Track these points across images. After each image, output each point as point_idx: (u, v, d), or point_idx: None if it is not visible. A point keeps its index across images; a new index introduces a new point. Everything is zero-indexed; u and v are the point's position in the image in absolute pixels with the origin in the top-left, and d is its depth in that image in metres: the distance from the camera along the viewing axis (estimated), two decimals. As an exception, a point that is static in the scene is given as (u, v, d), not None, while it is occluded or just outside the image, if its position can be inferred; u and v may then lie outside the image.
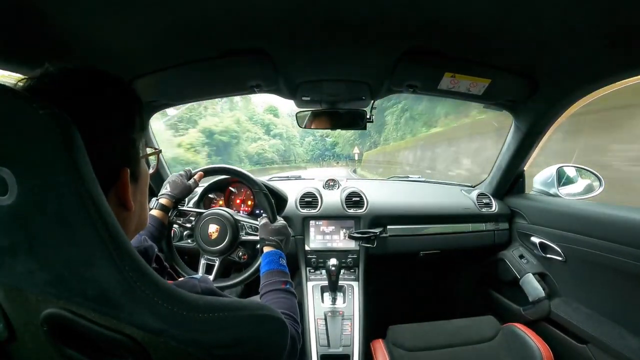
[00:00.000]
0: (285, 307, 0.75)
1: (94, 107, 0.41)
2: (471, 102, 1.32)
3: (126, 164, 0.44)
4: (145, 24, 0.78)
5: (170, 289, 0.37)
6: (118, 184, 0.43)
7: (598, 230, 1.10)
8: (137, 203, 0.48)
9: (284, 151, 33.06)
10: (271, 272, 0.85)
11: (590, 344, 1.13)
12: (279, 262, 0.89)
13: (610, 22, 0.74)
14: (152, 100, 1.24)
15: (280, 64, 1.03)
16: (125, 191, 0.44)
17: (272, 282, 0.82)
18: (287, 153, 33.99)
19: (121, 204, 0.44)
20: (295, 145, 38.05)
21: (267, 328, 0.45)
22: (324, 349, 1.21)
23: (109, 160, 0.42)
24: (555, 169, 1.44)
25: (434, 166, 11.68)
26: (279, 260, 0.89)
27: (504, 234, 1.60)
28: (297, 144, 39.04)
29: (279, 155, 30.89)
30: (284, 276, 0.85)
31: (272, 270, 0.86)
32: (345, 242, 1.50)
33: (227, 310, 0.41)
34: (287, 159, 31.95)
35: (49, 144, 0.30)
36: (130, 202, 0.44)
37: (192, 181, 1.07)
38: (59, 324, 0.35)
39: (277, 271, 0.86)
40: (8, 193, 0.30)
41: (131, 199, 0.45)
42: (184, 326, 0.36)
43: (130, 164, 0.45)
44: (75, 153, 0.31)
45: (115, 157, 0.43)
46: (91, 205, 0.31)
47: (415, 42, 0.92)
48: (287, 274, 0.88)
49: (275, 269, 0.86)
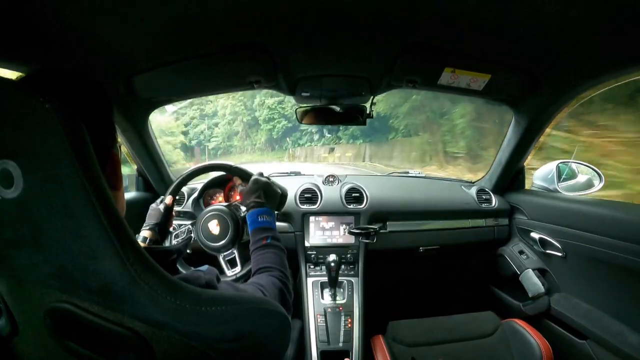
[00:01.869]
0: (268, 262, 0.75)
1: (85, 95, 0.44)
2: (471, 97, 1.32)
3: (115, 143, 0.48)
4: (144, 20, 0.78)
5: (174, 282, 0.37)
6: (109, 163, 0.46)
7: (598, 226, 1.10)
8: (122, 187, 0.51)
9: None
10: (253, 233, 0.85)
11: (589, 340, 1.13)
12: (257, 221, 0.87)
13: (611, 17, 0.74)
14: (151, 97, 1.23)
15: (280, 59, 1.02)
16: (118, 168, 0.47)
17: (254, 242, 0.82)
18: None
19: (110, 185, 0.46)
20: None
21: (269, 322, 0.45)
22: (324, 345, 1.22)
23: (103, 143, 0.44)
24: (555, 165, 1.44)
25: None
26: (258, 219, 0.87)
27: (504, 230, 1.60)
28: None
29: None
30: (263, 232, 0.84)
31: (253, 231, 0.85)
32: (345, 237, 1.50)
33: (231, 304, 0.41)
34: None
35: (55, 138, 0.30)
36: (122, 179, 0.47)
37: (163, 205, 1.06)
38: (62, 317, 0.35)
39: (256, 230, 0.85)
40: (14, 186, 0.30)
41: (122, 177, 0.48)
42: (187, 319, 0.36)
43: (115, 144, 0.48)
44: (81, 146, 0.31)
45: (107, 139, 0.46)
46: (96, 198, 0.31)
47: (415, 37, 0.92)
48: (268, 228, 0.86)
49: (255, 228, 0.85)
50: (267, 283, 0.65)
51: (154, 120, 1.39)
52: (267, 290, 0.62)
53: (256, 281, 0.65)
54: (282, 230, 1.49)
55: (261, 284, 0.63)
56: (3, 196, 0.30)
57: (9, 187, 0.30)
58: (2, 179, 0.30)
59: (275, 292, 0.65)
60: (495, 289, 1.67)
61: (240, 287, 0.56)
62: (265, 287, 0.63)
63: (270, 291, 0.63)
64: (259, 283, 0.63)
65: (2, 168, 0.30)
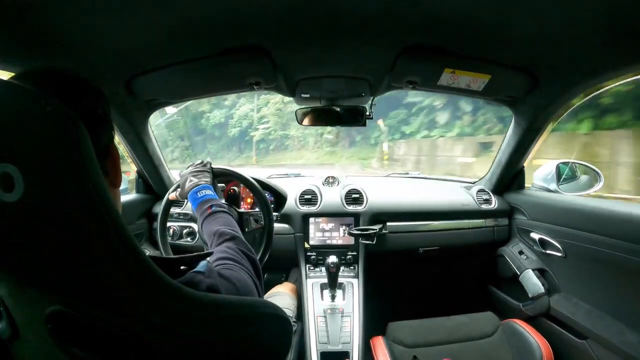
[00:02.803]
0: (219, 224, 0.77)
1: (83, 91, 0.44)
2: (471, 97, 1.32)
3: (112, 140, 0.48)
4: (144, 23, 0.78)
5: (175, 286, 0.37)
6: (109, 160, 0.46)
7: (598, 226, 1.10)
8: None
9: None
10: (197, 208, 0.87)
11: (589, 340, 1.13)
12: (197, 197, 0.89)
13: (611, 17, 0.74)
14: (151, 99, 1.23)
15: (280, 61, 1.02)
16: (117, 164, 0.47)
17: (201, 214, 0.84)
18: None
19: (110, 183, 0.46)
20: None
21: (271, 326, 0.46)
22: (324, 346, 1.22)
23: (102, 140, 0.44)
24: (555, 165, 1.44)
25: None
26: (197, 195, 0.90)
27: (504, 230, 1.60)
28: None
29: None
30: (205, 204, 0.86)
31: (197, 207, 0.87)
32: (344, 239, 1.50)
33: (233, 308, 0.41)
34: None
35: (55, 141, 0.30)
36: (120, 176, 0.47)
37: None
38: (63, 321, 0.35)
39: (199, 205, 0.87)
40: (14, 190, 0.30)
41: (120, 174, 0.48)
42: (189, 324, 0.36)
43: (112, 141, 0.48)
44: (82, 149, 0.31)
45: (106, 135, 0.46)
46: (98, 202, 0.31)
47: (414, 38, 0.92)
48: (209, 199, 0.88)
49: (197, 204, 0.87)
50: (236, 255, 0.64)
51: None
52: (243, 264, 0.62)
53: (229, 256, 0.63)
54: (282, 232, 1.50)
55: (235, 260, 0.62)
56: (3, 200, 0.30)
57: (9, 190, 0.30)
58: (2, 183, 0.30)
59: (246, 260, 0.64)
60: (495, 290, 1.67)
61: (236, 276, 0.55)
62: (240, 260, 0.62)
63: (245, 262, 0.63)
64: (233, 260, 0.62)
65: (2, 171, 0.29)
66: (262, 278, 0.68)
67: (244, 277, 0.56)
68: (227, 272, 0.54)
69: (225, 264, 0.59)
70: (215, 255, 0.62)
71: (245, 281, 0.55)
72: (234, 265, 0.59)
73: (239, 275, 0.56)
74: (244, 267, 0.60)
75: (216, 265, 0.57)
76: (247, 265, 0.62)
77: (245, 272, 0.58)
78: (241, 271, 0.58)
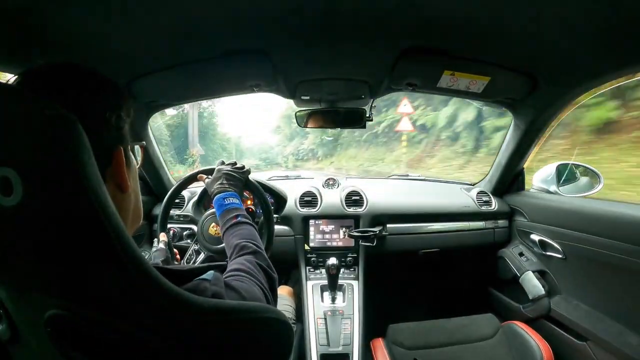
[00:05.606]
0: (242, 237, 0.76)
1: (86, 92, 0.42)
2: (470, 99, 1.32)
3: (120, 145, 0.45)
4: (144, 25, 0.78)
5: (176, 292, 0.37)
6: (113, 165, 0.44)
7: (598, 227, 1.10)
8: (132, 191, 0.49)
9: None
10: (221, 215, 0.86)
11: (590, 341, 1.13)
12: (224, 204, 0.88)
13: (610, 19, 0.74)
14: (151, 101, 1.23)
15: (280, 63, 1.03)
16: (122, 170, 0.45)
17: (225, 222, 0.83)
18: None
19: (117, 187, 0.45)
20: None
21: (273, 331, 0.46)
22: (324, 348, 1.21)
23: (104, 143, 0.43)
24: (555, 167, 1.44)
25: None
26: (224, 202, 0.88)
27: (504, 232, 1.60)
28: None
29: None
30: (230, 212, 0.85)
31: (221, 214, 0.86)
32: (345, 241, 1.50)
33: (235, 314, 0.41)
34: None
35: (54, 145, 0.30)
36: (127, 181, 0.45)
37: (162, 244, 1.00)
38: (63, 325, 0.35)
39: (224, 212, 0.86)
40: (13, 194, 0.30)
41: (127, 179, 0.46)
42: (191, 329, 0.36)
43: (122, 145, 0.46)
44: (81, 153, 0.31)
45: (109, 139, 0.44)
46: (97, 206, 0.31)
47: (414, 40, 0.92)
48: (235, 208, 0.87)
49: (222, 211, 0.86)
50: (253, 268, 0.64)
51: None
52: (258, 278, 0.61)
53: (244, 268, 0.63)
54: (282, 234, 1.49)
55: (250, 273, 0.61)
56: (2, 204, 0.30)
57: (8, 194, 0.30)
58: (1, 187, 0.30)
59: (263, 275, 0.64)
60: (495, 291, 1.67)
61: (244, 287, 0.55)
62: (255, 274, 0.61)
63: (260, 277, 0.62)
64: (248, 273, 0.61)
65: (1, 175, 0.29)
66: (277, 293, 0.68)
67: (253, 289, 0.56)
68: (236, 283, 0.53)
69: (237, 275, 0.58)
70: (231, 267, 0.62)
71: (254, 293, 0.54)
72: (246, 278, 0.58)
73: (248, 286, 0.55)
74: (258, 280, 0.60)
75: (228, 276, 0.57)
76: (262, 279, 0.61)
77: (257, 285, 0.58)
78: (252, 284, 0.57)
